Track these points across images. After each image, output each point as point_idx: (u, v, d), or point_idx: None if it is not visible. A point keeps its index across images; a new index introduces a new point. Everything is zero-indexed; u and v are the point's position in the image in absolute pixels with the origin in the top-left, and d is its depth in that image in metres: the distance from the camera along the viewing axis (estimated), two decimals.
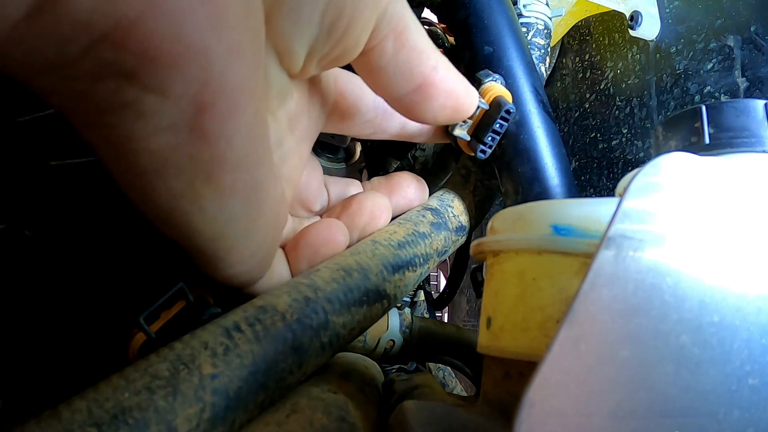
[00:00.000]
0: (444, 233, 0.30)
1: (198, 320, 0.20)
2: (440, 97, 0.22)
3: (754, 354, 0.12)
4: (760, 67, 0.32)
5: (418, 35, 0.20)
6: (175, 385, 0.17)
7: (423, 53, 0.20)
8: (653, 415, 0.11)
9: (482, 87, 0.28)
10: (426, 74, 0.21)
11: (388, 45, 0.19)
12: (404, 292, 0.26)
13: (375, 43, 0.19)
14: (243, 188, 0.18)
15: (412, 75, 0.21)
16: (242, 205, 0.18)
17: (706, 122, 0.21)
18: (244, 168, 0.17)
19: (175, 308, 0.21)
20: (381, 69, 0.20)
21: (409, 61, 0.20)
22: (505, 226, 0.18)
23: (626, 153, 0.43)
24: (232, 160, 0.17)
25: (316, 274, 0.23)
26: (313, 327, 0.21)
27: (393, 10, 0.18)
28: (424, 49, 0.20)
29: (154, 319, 0.21)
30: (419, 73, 0.21)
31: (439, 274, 1.36)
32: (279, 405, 0.20)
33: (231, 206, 0.18)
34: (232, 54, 0.14)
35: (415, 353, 0.39)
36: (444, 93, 0.22)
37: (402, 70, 0.20)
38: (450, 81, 0.22)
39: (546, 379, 0.10)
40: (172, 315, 0.21)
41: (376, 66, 0.20)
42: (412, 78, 0.21)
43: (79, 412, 0.16)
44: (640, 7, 0.40)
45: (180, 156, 0.16)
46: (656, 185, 0.12)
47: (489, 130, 0.27)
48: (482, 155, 0.28)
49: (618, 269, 0.11)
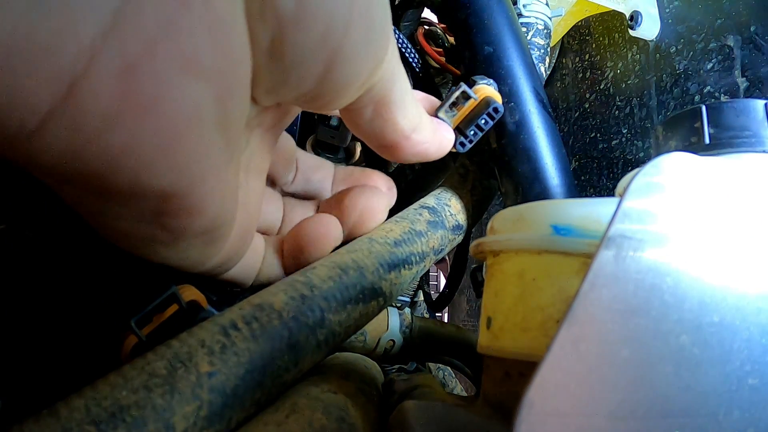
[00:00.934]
0: (441, 232, 0.30)
1: (190, 324, 0.20)
2: (408, 156, 0.24)
3: (754, 354, 0.12)
4: (760, 67, 0.32)
5: (398, 109, 0.21)
6: (173, 383, 0.17)
7: (397, 125, 0.22)
8: (653, 415, 0.11)
9: (475, 86, 0.29)
10: (396, 141, 0.23)
11: (367, 111, 0.21)
12: (400, 290, 0.26)
13: (355, 106, 0.20)
14: (206, 240, 0.19)
15: (384, 139, 0.22)
16: (203, 245, 0.20)
17: (706, 122, 0.21)
18: (208, 230, 0.19)
19: (168, 312, 0.21)
20: (357, 125, 0.22)
21: (382, 128, 0.22)
22: (505, 226, 0.18)
23: (626, 153, 0.43)
24: (195, 230, 0.18)
25: (312, 272, 0.23)
26: (310, 325, 0.21)
27: (380, 87, 0.19)
28: (398, 123, 0.22)
29: (147, 323, 0.21)
30: (391, 139, 0.22)
31: (438, 274, 1.36)
32: (278, 405, 0.20)
33: (193, 248, 0.20)
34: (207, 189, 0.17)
35: (415, 353, 0.39)
36: (412, 155, 0.24)
37: (375, 132, 0.22)
38: (420, 145, 0.24)
39: (546, 379, 0.10)
40: (164, 319, 0.21)
41: (352, 120, 0.22)
42: (384, 140, 0.22)
43: (78, 411, 0.16)
44: (640, 7, 0.40)
45: (143, 233, 0.18)
46: (656, 185, 0.12)
47: (473, 124, 0.27)
48: (461, 148, 0.28)
49: (618, 269, 0.11)
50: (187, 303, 0.21)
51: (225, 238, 0.21)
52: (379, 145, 0.23)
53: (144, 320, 0.21)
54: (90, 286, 0.26)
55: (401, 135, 0.22)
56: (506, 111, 0.31)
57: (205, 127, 0.15)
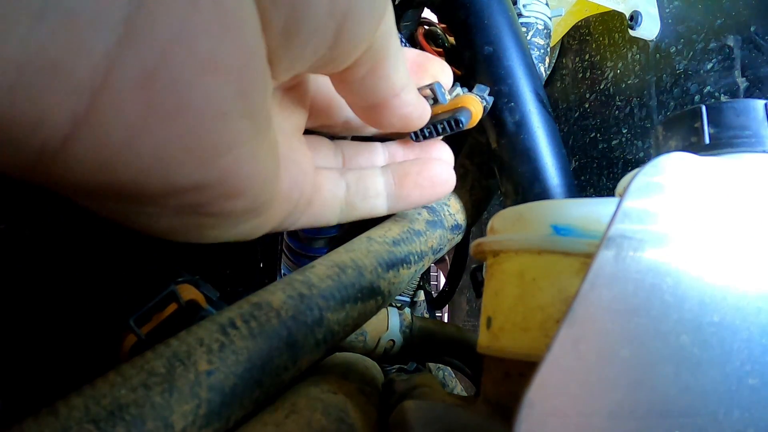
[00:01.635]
0: (439, 231, 0.30)
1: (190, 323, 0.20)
2: (393, 118, 0.24)
3: (754, 354, 0.12)
4: (760, 67, 0.32)
5: (392, 65, 0.21)
6: (171, 381, 0.17)
7: (389, 80, 0.22)
8: (653, 415, 0.11)
9: (467, 94, 0.28)
10: (386, 98, 0.23)
11: (361, 69, 0.21)
12: (398, 289, 0.26)
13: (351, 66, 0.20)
14: (255, 213, 0.19)
15: (375, 96, 0.22)
16: (254, 218, 0.20)
17: (706, 122, 0.21)
18: (254, 207, 0.19)
19: (167, 311, 0.21)
20: (348, 84, 0.22)
21: (375, 86, 0.22)
22: (505, 226, 0.18)
23: (626, 153, 0.43)
24: (240, 210, 0.18)
25: (310, 271, 0.23)
26: (308, 323, 0.21)
27: (379, 43, 0.19)
28: (391, 78, 0.22)
29: (146, 321, 0.21)
30: (382, 96, 0.22)
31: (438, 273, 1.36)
32: (278, 405, 0.20)
33: (244, 222, 0.19)
34: None
35: (415, 353, 0.39)
36: (398, 117, 0.24)
37: (367, 90, 0.22)
38: (407, 107, 0.24)
39: (546, 379, 0.10)
40: (164, 317, 0.21)
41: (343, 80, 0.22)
42: (374, 98, 0.22)
43: (77, 409, 0.16)
44: (640, 7, 0.40)
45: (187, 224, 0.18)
46: (656, 185, 0.12)
47: (431, 123, 0.27)
48: (412, 137, 0.28)
49: (618, 269, 0.11)
50: (186, 302, 0.21)
51: (273, 204, 0.21)
52: (366, 105, 0.23)
53: (143, 319, 0.21)
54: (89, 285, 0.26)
55: (392, 92, 0.22)
56: (506, 111, 0.31)
57: (231, 120, 0.15)
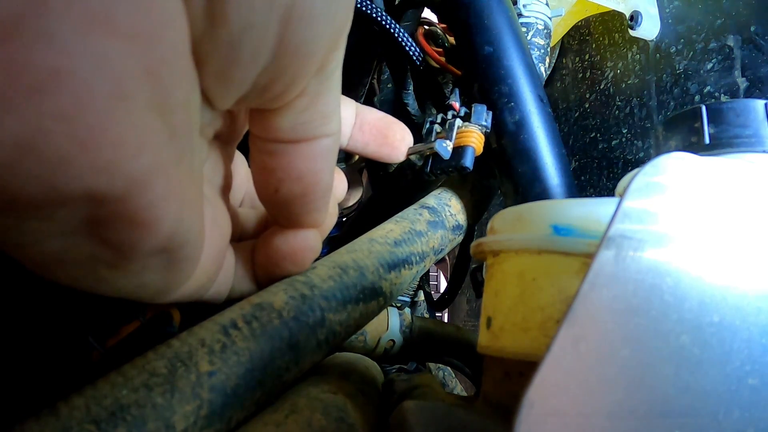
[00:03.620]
0: (441, 232, 0.30)
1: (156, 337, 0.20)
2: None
3: (754, 354, 0.12)
4: (760, 67, 0.32)
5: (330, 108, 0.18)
6: (173, 382, 0.17)
7: (326, 117, 0.18)
8: (653, 415, 0.11)
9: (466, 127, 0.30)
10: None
11: (303, 101, 0.17)
12: (400, 290, 0.26)
13: (294, 100, 0.17)
14: (167, 261, 0.16)
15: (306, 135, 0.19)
16: (165, 269, 0.16)
17: (706, 122, 0.21)
18: (167, 249, 0.15)
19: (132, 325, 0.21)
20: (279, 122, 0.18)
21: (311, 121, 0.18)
22: (505, 226, 0.18)
23: (626, 153, 0.43)
24: (149, 248, 0.14)
25: (312, 272, 0.23)
26: (310, 324, 0.21)
27: (328, 70, 0.16)
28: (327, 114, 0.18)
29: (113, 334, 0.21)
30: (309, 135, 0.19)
31: (439, 274, 1.36)
32: (278, 405, 0.20)
33: (151, 271, 0.16)
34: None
35: (415, 353, 0.39)
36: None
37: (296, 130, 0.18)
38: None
39: (546, 379, 0.10)
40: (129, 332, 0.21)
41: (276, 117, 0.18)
42: (305, 136, 0.19)
43: (78, 410, 0.16)
44: (640, 7, 0.40)
45: (80, 253, 0.14)
46: (656, 185, 0.12)
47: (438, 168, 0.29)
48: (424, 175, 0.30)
49: (618, 269, 0.11)
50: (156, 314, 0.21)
51: (192, 260, 0.17)
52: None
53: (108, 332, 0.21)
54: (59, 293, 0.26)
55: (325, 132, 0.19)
56: (506, 111, 0.31)
57: (135, 107, 0.11)
